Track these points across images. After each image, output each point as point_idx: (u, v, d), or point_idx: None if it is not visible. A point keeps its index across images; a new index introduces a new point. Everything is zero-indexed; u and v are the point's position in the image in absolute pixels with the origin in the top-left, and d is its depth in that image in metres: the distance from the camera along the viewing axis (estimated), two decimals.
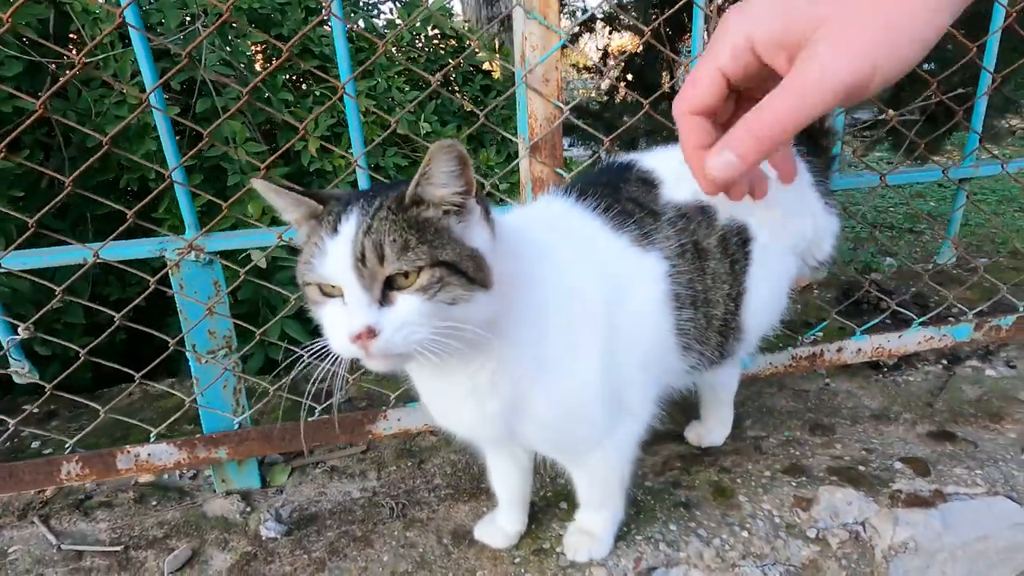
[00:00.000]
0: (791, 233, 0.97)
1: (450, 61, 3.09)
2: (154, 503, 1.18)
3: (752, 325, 0.97)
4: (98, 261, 1.01)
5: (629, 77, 4.27)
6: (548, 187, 1.09)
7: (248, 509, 1.17)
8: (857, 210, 2.96)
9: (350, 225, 0.67)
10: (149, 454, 1.10)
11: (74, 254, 1.02)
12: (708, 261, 0.90)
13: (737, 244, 0.92)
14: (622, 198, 0.91)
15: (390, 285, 0.66)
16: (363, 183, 1.08)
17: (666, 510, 1.08)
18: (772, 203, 0.86)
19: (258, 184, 0.72)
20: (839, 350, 1.34)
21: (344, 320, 0.66)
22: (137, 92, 1.51)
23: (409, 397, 1.21)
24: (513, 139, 1.11)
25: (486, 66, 3.53)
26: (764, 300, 0.97)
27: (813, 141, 1.03)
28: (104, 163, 1.89)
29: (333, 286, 0.67)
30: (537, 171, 1.09)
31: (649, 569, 0.98)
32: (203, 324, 1.09)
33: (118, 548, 1.07)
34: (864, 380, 1.47)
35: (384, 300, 0.66)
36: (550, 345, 0.79)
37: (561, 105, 1.04)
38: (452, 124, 2.79)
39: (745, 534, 1.03)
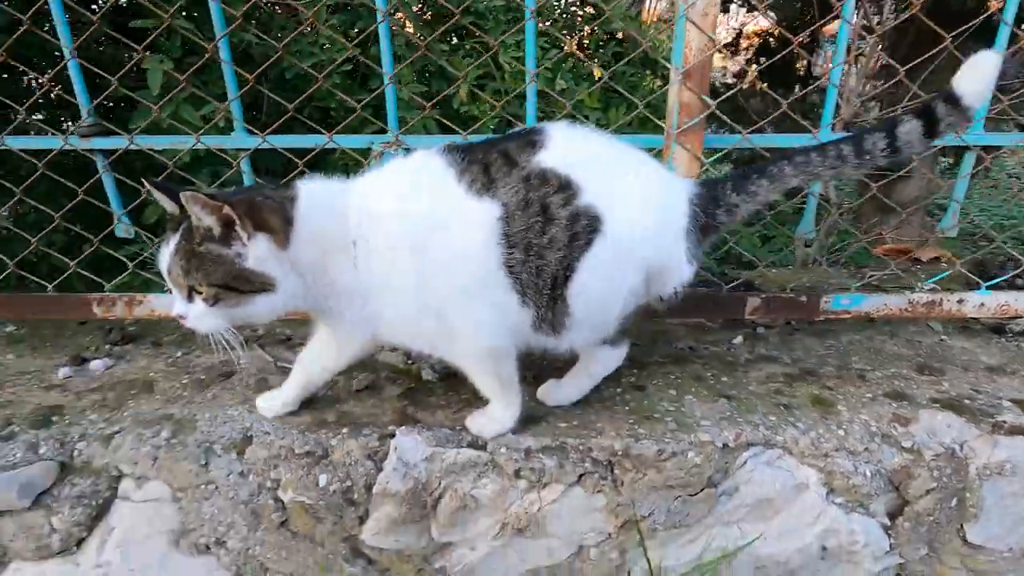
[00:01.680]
0: (640, 255, 1.04)
1: (585, 28, 3.24)
2: None
3: (578, 309, 1.03)
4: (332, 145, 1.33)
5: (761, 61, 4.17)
6: (694, 112, 1.24)
7: (410, 361, 1.45)
8: None
9: (170, 243, 0.98)
10: None
11: (316, 140, 1.34)
12: (551, 225, 0.98)
13: (585, 227, 0.99)
14: (493, 152, 1.02)
15: (193, 289, 0.97)
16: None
17: (767, 406, 1.22)
18: (635, 219, 1.02)
19: (147, 183, 1.03)
20: (960, 301, 1.38)
21: (172, 302, 1.01)
22: (332, 34, 1.83)
23: None
24: (638, 102, 1.30)
25: (620, 35, 3.64)
26: (593, 289, 1.02)
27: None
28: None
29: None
30: (685, 97, 1.24)
31: (748, 444, 1.12)
32: None
33: None
34: (984, 341, 1.48)
35: (191, 297, 0.98)
36: (374, 291, 1.01)
37: (713, 37, 1.19)
38: (584, 85, 2.94)
39: (841, 432, 1.14)
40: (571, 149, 1.02)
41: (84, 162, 1.46)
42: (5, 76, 2.05)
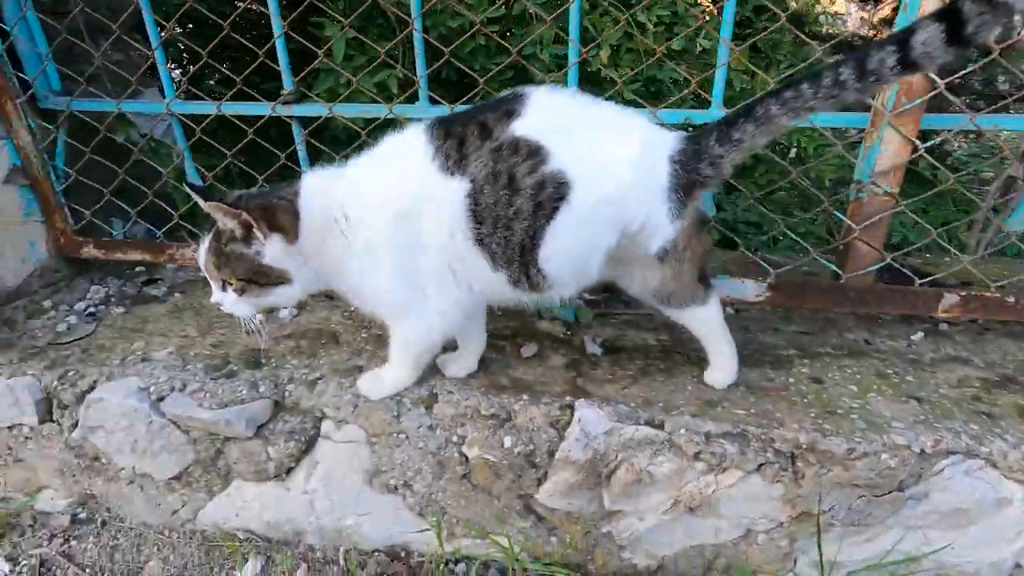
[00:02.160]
0: (611, 216, 1.02)
1: None
2: (499, 312, 1.56)
3: (552, 271, 1.05)
4: None
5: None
6: (915, 92, 1.13)
7: (568, 332, 1.49)
8: None
9: (204, 244, 1.12)
10: None
11: None
12: (516, 196, 0.99)
13: (550, 195, 0.99)
14: (471, 125, 1.02)
15: (225, 280, 1.10)
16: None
17: (965, 413, 1.15)
18: (607, 181, 1.00)
19: (186, 187, 1.13)
20: None
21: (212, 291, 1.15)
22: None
23: (723, 270, 1.41)
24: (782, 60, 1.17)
25: None
26: (564, 252, 1.03)
27: None
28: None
29: None
30: None
31: (948, 451, 1.07)
32: None
33: None
34: None
35: (224, 288, 1.11)
36: (366, 271, 1.09)
37: None
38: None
39: None
40: (548, 115, 1.01)
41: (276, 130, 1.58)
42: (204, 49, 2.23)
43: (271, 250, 1.06)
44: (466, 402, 1.22)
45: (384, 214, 1.06)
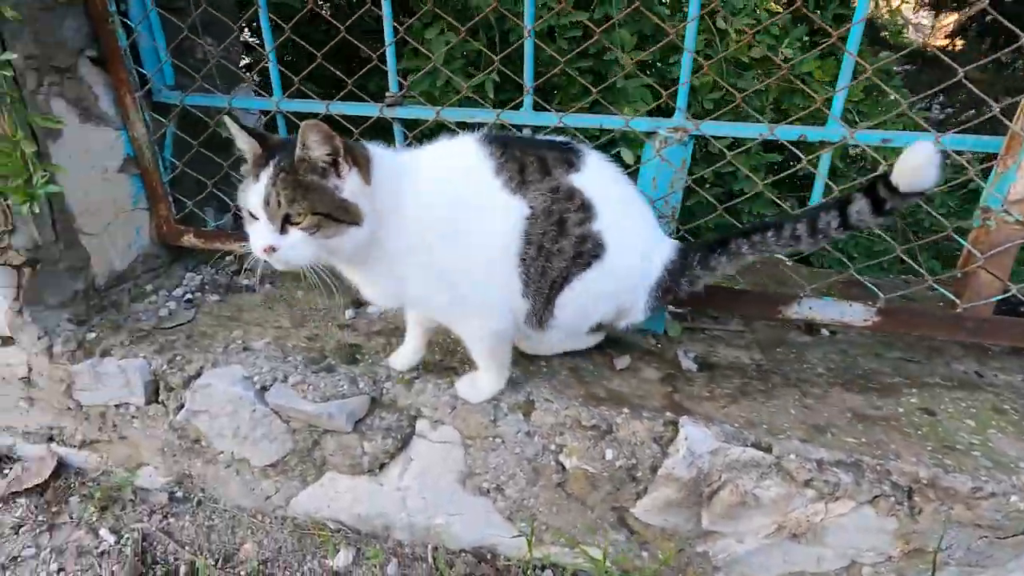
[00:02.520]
0: (618, 290, 1.19)
1: None
2: None
3: (560, 313, 1.18)
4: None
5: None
6: None
7: (658, 345, 1.47)
8: None
9: (265, 175, 1.00)
10: None
11: (612, 122, 1.35)
12: (562, 238, 1.12)
13: (590, 249, 1.13)
14: (530, 155, 1.12)
15: (288, 219, 1.00)
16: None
17: None
18: (626, 261, 1.17)
19: (227, 120, 1.05)
20: None
21: (258, 237, 1.01)
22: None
23: (822, 291, 1.37)
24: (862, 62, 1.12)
25: None
26: (577, 303, 1.17)
27: None
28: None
29: (253, 213, 1.01)
30: None
31: None
32: (660, 192, 1.36)
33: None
34: None
35: (283, 229, 1.00)
36: (406, 253, 1.08)
37: None
38: (810, 58, 2.67)
39: None
40: (599, 178, 1.15)
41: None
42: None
43: (351, 184, 1.01)
44: (565, 411, 1.23)
45: (446, 206, 1.10)
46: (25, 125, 1.30)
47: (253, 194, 1.01)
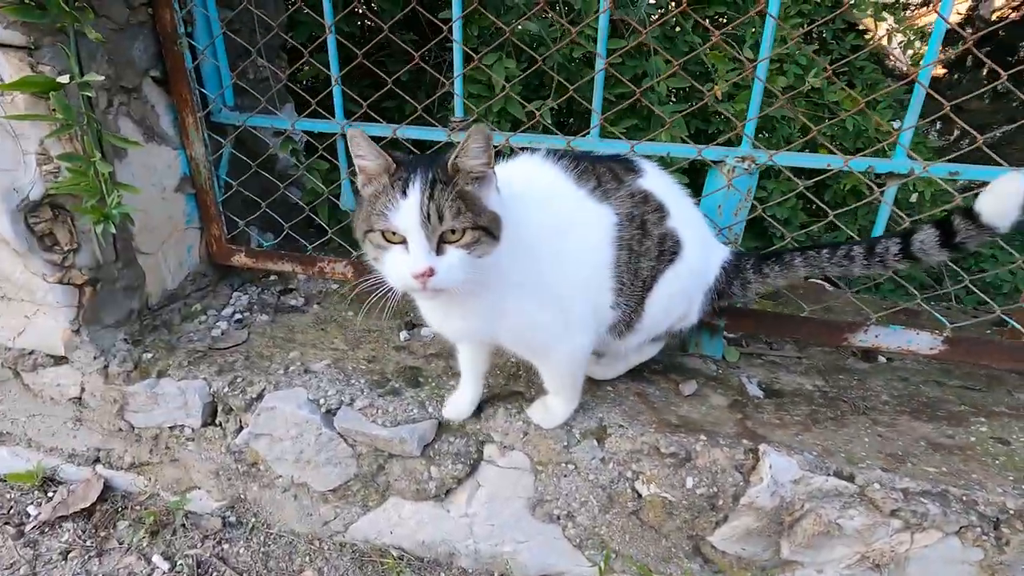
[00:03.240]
0: (692, 287, 1.22)
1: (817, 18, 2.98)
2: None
3: (649, 315, 1.18)
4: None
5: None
6: None
7: (719, 371, 1.48)
8: None
9: (415, 190, 0.88)
10: None
11: (686, 151, 1.37)
12: (647, 239, 1.13)
13: (670, 247, 1.15)
14: (598, 167, 1.14)
15: (443, 239, 0.90)
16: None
17: None
18: (696, 256, 1.19)
19: (354, 131, 0.92)
20: None
21: (407, 262, 0.89)
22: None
23: (890, 320, 1.39)
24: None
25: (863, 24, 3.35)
26: (663, 300, 1.18)
27: None
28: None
29: (395, 234, 0.90)
30: None
31: None
32: (726, 220, 1.38)
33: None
34: None
35: (439, 250, 0.90)
36: (517, 273, 1.02)
37: None
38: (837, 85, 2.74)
39: None
40: (661, 182, 1.18)
41: None
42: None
43: (494, 196, 0.94)
44: (642, 438, 1.22)
45: (553, 222, 1.08)
46: (97, 145, 1.30)
47: (404, 212, 0.88)
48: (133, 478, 1.60)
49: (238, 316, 1.72)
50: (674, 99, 2.74)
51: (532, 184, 1.12)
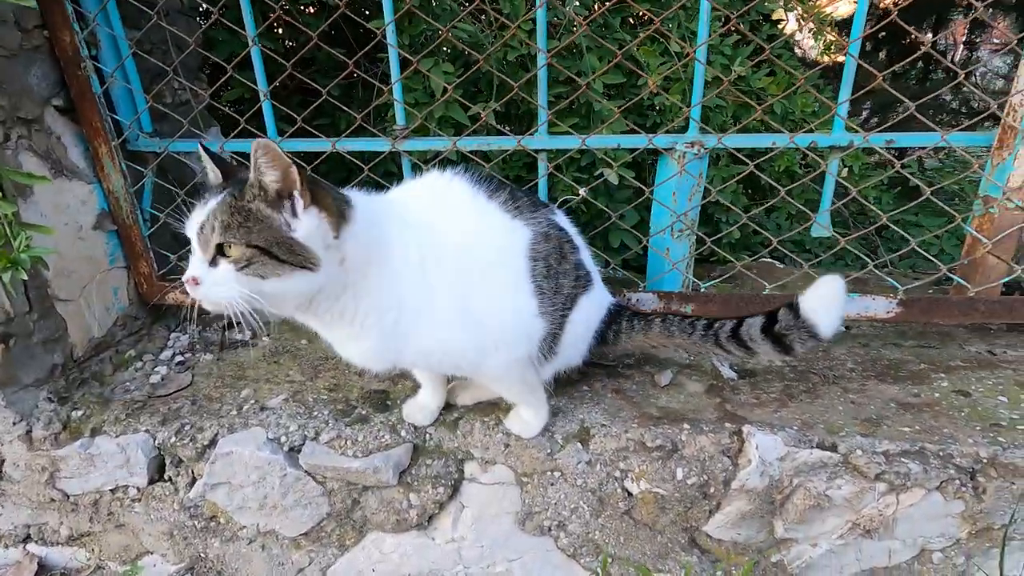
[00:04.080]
0: (593, 324, 1.21)
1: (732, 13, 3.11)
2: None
3: (568, 334, 1.15)
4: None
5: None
6: None
7: (689, 357, 1.47)
8: None
9: (212, 202, 0.90)
10: (638, 299, 1.44)
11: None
12: (564, 262, 1.12)
13: (584, 275, 1.16)
14: (512, 191, 1.12)
15: (222, 252, 0.88)
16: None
17: None
18: (599, 289, 1.22)
19: (200, 148, 0.98)
20: None
21: (189, 267, 0.91)
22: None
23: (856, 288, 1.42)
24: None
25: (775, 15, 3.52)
26: (580, 326, 1.16)
27: None
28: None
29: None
30: None
31: None
32: (681, 206, 1.39)
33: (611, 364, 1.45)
34: None
35: (214, 262, 0.89)
36: (408, 295, 0.98)
37: None
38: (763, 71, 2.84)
39: None
40: (566, 222, 1.18)
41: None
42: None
43: (307, 223, 0.88)
44: (626, 435, 1.19)
45: (459, 236, 1.04)
46: None
47: (192, 220, 0.91)
48: (73, 552, 1.43)
49: (179, 358, 1.58)
50: (609, 95, 2.78)
51: (438, 199, 1.09)
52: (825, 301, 1.07)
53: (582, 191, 1.45)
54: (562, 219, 1.18)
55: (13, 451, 1.32)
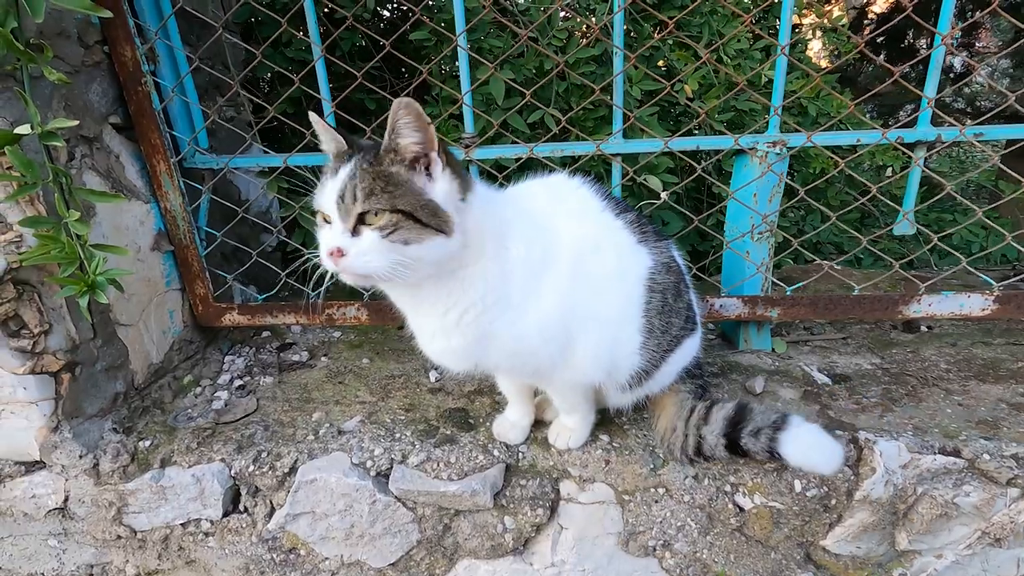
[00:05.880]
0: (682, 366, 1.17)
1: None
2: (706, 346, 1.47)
3: (652, 381, 1.12)
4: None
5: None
6: None
7: (774, 363, 1.42)
8: None
9: (345, 170, 0.86)
10: (721, 304, 1.39)
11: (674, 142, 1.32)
12: (679, 301, 1.09)
13: (691, 317, 1.13)
14: (635, 215, 1.08)
15: (363, 221, 0.84)
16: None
17: None
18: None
19: (314, 117, 0.92)
20: None
21: (326, 240, 0.86)
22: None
23: (944, 286, 1.37)
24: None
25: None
26: (669, 372, 1.13)
27: None
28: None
29: (327, 215, 0.88)
30: None
31: None
32: (762, 207, 1.35)
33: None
34: None
35: (355, 232, 0.85)
36: (515, 291, 0.94)
37: None
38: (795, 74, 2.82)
39: None
40: (679, 255, 1.14)
41: None
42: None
43: (443, 185, 0.86)
44: None
45: (578, 249, 0.99)
46: (65, 204, 1.10)
47: (328, 191, 0.87)
48: None
49: (238, 382, 1.51)
50: (641, 102, 2.77)
51: (563, 203, 1.04)
52: (797, 446, 1.02)
53: (663, 195, 1.40)
54: (677, 254, 1.14)
55: (79, 486, 1.25)
